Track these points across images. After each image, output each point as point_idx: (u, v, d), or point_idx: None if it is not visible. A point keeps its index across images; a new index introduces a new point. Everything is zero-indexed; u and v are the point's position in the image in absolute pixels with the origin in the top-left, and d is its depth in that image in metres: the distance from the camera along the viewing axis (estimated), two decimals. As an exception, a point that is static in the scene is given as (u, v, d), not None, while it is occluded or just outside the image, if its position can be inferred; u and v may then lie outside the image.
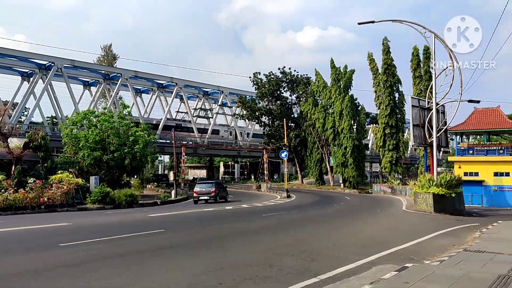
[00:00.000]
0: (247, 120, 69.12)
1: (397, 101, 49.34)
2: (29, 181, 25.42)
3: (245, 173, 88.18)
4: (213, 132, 67.60)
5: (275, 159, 61.26)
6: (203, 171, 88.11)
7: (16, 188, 24.80)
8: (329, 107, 54.60)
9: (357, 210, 25.90)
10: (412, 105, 29.40)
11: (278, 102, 61.45)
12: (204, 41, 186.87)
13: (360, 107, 55.53)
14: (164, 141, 56.99)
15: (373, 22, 26.08)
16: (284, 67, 61.80)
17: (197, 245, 12.02)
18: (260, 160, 57.16)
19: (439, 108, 28.21)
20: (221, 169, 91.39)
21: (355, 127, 52.92)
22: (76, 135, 35.78)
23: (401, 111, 49.95)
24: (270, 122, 62.76)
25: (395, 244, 11.89)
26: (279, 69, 61.17)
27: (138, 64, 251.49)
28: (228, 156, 78.28)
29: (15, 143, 34.21)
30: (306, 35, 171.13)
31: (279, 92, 61.54)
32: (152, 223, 18.31)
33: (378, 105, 49.90)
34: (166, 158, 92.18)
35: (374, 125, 61.34)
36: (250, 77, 61.68)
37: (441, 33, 25.78)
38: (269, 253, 10.48)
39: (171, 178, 66.53)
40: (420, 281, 7.18)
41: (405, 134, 59.55)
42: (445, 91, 26.90)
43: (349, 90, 52.99)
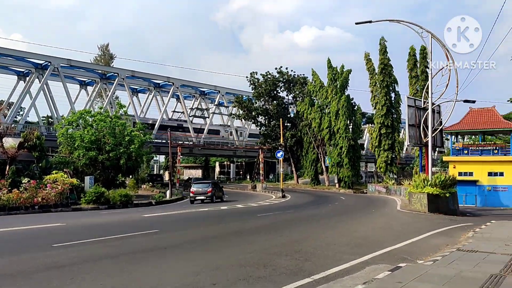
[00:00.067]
0: (243, 120, 69.12)
1: (393, 101, 49.48)
2: (23, 181, 25.25)
3: (241, 173, 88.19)
4: (213, 132, 67.84)
5: (270, 159, 61.37)
6: (199, 171, 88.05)
7: (10, 188, 24.62)
8: (325, 107, 54.68)
9: (351, 210, 25.94)
10: (408, 105, 29.45)
11: (274, 102, 61.45)
12: (201, 41, 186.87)
13: (356, 107, 55.67)
14: (160, 141, 56.92)
15: (370, 22, 26.15)
16: (281, 67, 61.98)
17: (191, 246, 12.00)
18: (255, 160, 57.19)
19: (435, 108, 28.27)
20: (217, 169, 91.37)
21: (351, 127, 53.01)
22: (71, 135, 35.60)
23: (397, 111, 50.09)
24: (266, 122, 62.79)
25: (389, 244, 11.92)
26: (276, 69, 61.37)
27: (135, 63, 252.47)
28: (223, 156, 78.24)
29: (10, 142, 34.03)
30: (303, 35, 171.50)
31: (275, 92, 61.57)
32: (146, 223, 18.27)
33: (374, 105, 50.03)
34: (161, 158, 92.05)
35: (370, 125, 61.46)
36: (247, 77, 61.76)
37: (438, 33, 25.88)
38: (263, 253, 10.48)
39: (166, 178, 66.48)
40: (413, 281, 7.20)
41: (401, 134, 59.66)
42: (441, 91, 26.97)
43: (346, 90, 53.11)
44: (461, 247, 11.14)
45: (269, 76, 60.61)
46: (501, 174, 35.60)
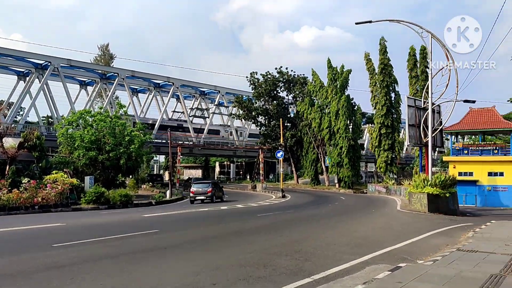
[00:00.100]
0: (243, 120, 69.15)
1: (393, 101, 49.49)
2: (23, 181, 25.25)
3: (241, 173, 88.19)
4: (214, 132, 67.89)
5: (270, 159, 61.37)
6: (199, 171, 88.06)
7: (10, 188, 24.62)
8: (325, 107, 54.67)
9: (351, 210, 25.94)
10: (408, 105, 29.45)
11: (274, 102, 61.46)
12: (201, 41, 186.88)
13: (356, 107, 55.66)
14: (160, 141, 56.93)
15: (370, 22, 26.14)
16: (281, 67, 62.01)
17: (191, 246, 12.00)
18: (255, 160, 57.19)
19: (435, 108, 28.27)
20: (217, 169, 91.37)
21: (351, 127, 53.01)
22: (71, 135, 35.60)
23: (397, 111, 50.09)
24: (266, 122, 62.80)
25: (389, 244, 11.92)
26: (276, 69, 61.39)
27: (135, 63, 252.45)
28: (223, 156, 78.24)
29: (10, 142, 34.03)
30: (303, 35, 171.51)
31: (275, 92, 61.58)
32: (146, 223, 18.27)
33: (374, 105, 50.04)
34: (161, 158, 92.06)
35: (369, 125, 61.44)
36: (246, 77, 61.78)
37: (438, 33, 25.85)
38: (263, 253, 10.48)
39: (166, 178, 66.49)
40: (413, 281, 7.20)
41: (401, 134, 59.66)
42: (441, 91, 26.96)
43: (346, 90, 53.10)
44: (461, 247, 11.14)
45: (269, 76, 60.61)
46: (501, 174, 35.61)
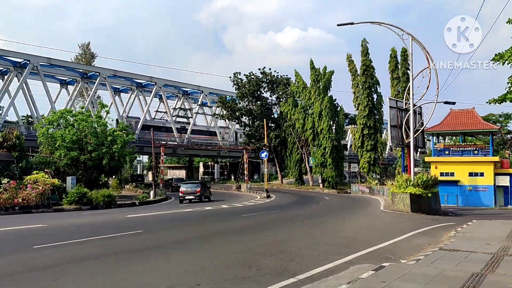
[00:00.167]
0: (227, 120, 69.06)
1: (375, 102, 49.96)
2: (2, 182, 24.74)
3: (225, 173, 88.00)
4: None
5: (255, 159, 61.34)
6: (183, 172, 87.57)
7: (-11, 189, 24.14)
8: (308, 107, 54.89)
9: (335, 210, 26.09)
10: (390, 106, 29.78)
11: (258, 102, 61.50)
12: (184, 41, 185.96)
13: (339, 108, 56.00)
14: (143, 140, 56.51)
15: (352, 23, 26.30)
16: (264, 67, 61.99)
17: (176, 246, 11.92)
18: (240, 160, 57.12)
19: (416, 109, 28.63)
20: (201, 169, 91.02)
21: (334, 127, 53.33)
22: (52, 135, 35.08)
23: (379, 112, 50.60)
24: (250, 122, 62.80)
25: (372, 243, 12.02)
26: (259, 69, 61.42)
27: (117, 63, 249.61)
28: (208, 156, 78.01)
29: (-12, 142, 33.32)
30: (286, 36, 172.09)
31: (259, 92, 61.62)
32: (130, 224, 18.08)
33: (356, 106, 50.47)
34: (145, 158, 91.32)
35: (352, 125, 61.97)
36: (230, 77, 61.77)
37: (419, 35, 26.21)
38: (248, 253, 10.47)
39: (150, 178, 65.98)
40: (396, 280, 7.26)
41: (383, 134, 60.24)
42: (422, 92, 27.31)
43: (329, 91, 53.36)
44: (443, 246, 11.30)
45: (253, 76, 60.65)
46: (482, 174, 36.26)
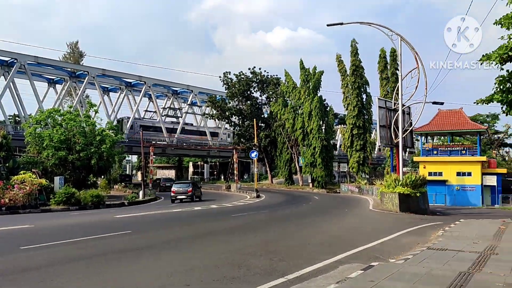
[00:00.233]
0: (217, 120, 68.94)
1: (364, 102, 50.26)
2: (-11, 182, 24.48)
3: (215, 173, 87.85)
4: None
5: (245, 159, 61.36)
6: (172, 171, 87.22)
7: (-25, 189, 23.83)
8: (298, 107, 55.02)
9: (325, 209, 26.17)
10: (379, 106, 29.96)
11: (248, 102, 61.47)
12: (174, 40, 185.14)
13: (328, 108, 56.21)
14: (132, 140, 56.21)
15: (341, 24, 26.35)
16: (254, 67, 62.01)
17: (165, 246, 11.86)
18: (230, 160, 57.05)
19: (405, 109, 28.82)
20: (190, 169, 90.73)
21: (324, 127, 53.54)
22: (40, 134, 34.69)
23: (369, 112, 50.91)
24: (240, 122, 62.74)
25: (361, 243, 12.06)
26: (249, 69, 61.39)
27: (106, 62, 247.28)
28: (197, 156, 77.82)
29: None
30: (276, 36, 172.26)
31: (249, 92, 61.59)
32: (118, 224, 17.95)
33: (346, 106, 50.72)
34: (134, 158, 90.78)
35: (342, 125, 62.22)
36: (220, 77, 61.62)
37: (408, 36, 26.33)
38: (237, 253, 10.45)
39: (139, 178, 65.64)
40: (385, 280, 7.30)
41: (372, 134, 60.64)
42: (411, 92, 27.51)
43: (318, 91, 53.57)
44: (432, 245, 11.37)
45: (243, 76, 60.58)
46: (469, 174, 36.66)
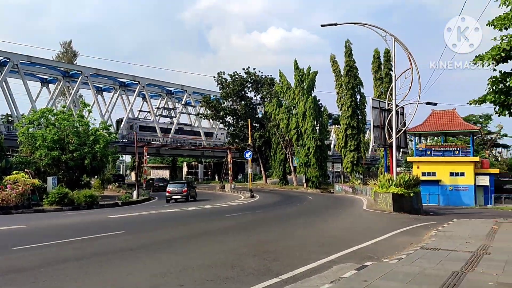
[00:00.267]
0: (211, 120, 68.86)
1: (358, 103, 50.40)
2: (-19, 182, 24.30)
3: (209, 173, 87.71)
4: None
5: (239, 159, 61.33)
6: (166, 172, 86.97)
7: (-33, 189, 23.64)
8: (292, 108, 55.07)
9: (319, 209, 26.21)
10: (372, 107, 30.05)
11: (242, 102, 61.45)
12: (168, 40, 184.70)
13: (322, 108, 56.28)
14: (126, 140, 56.02)
15: (335, 24, 26.42)
16: (248, 67, 62.03)
17: (158, 247, 11.81)
18: (224, 160, 56.99)
19: (399, 109, 28.93)
20: (185, 169, 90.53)
21: (318, 127, 53.61)
22: (32, 134, 34.48)
23: (362, 113, 51.05)
24: (234, 122, 62.69)
25: (355, 242, 12.08)
26: (244, 69, 61.41)
27: (99, 62, 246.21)
28: (191, 156, 77.68)
29: (-33, 142, 32.63)
30: (270, 36, 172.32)
31: (243, 92, 61.57)
32: (112, 224, 17.87)
33: (340, 106, 50.85)
34: (128, 158, 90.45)
35: (336, 126, 62.34)
36: (214, 77, 61.56)
37: (402, 37, 26.46)
38: (231, 253, 10.43)
39: (133, 178, 65.44)
40: (378, 279, 7.31)
41: (366, 135, 60.86)
42: (404, 93, 27.62)
43: (312, 91, 53.63)
44: (425, 245, 11.41)
45: (237, 76, 60.56)
46: (462, 174, 36.86)
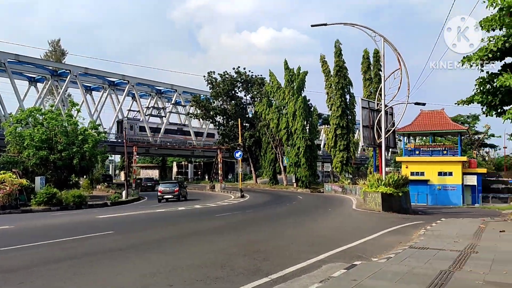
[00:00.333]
0: (201, 119, 68.69)
1: (348, 103, 50.60)
2: (-33, 182, 23.99)
3: (199, 173, 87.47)
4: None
5: (229, 159, 61.21)
6: (156, 171, 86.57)
7: (-47, 189, 23.32)
8: (283, 108, 55.14)
9: (309, 209, 26.28)
10: (362, 107, 30.19)
11: (232, 102, 61.39)
12: (158, 39, 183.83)
13: (312, 108, 56.44)
14: (114, 140, 55.69)
15: (325, 24, 26.46)
16: (238, 67, 61.97)
17: (148, 247, 11.76)
18: (214, 160, 56.89)
19: (388, 110, 29.08)
20: (174, 169, 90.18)
21: (308, 127, 53.75)
22: (20, 134, 34.15)
23: (352, 113, 51.27)
24: (224, 121, 62.61)
25: (345, 242, 12.14)
26: (234, 68, 61.29)
27: (88, 60, 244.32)
28: (181, 156, 77.42)
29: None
30: (260, 36, 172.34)
31: (233, 92, 61.50)
32: (101, 224, 17.75)
33: (330, 106, 51.01)
34: (117, 157, 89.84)
35: (326, 125, 62.57)
36: (204, 76, 61.41)
37: (391, 37, 26.66)
38: (221, 253, 10.42)
39: (122, 178, 65.04)
40: (367, 278, 7.35)
41: (356, 135, 61.08)
42: (393, 93, 27.78)
43: (302, 91, 53.70)
44: (413, 244, 11.50)
45: (227, 76, 60.48)
46: (450, 174, 37.22)
